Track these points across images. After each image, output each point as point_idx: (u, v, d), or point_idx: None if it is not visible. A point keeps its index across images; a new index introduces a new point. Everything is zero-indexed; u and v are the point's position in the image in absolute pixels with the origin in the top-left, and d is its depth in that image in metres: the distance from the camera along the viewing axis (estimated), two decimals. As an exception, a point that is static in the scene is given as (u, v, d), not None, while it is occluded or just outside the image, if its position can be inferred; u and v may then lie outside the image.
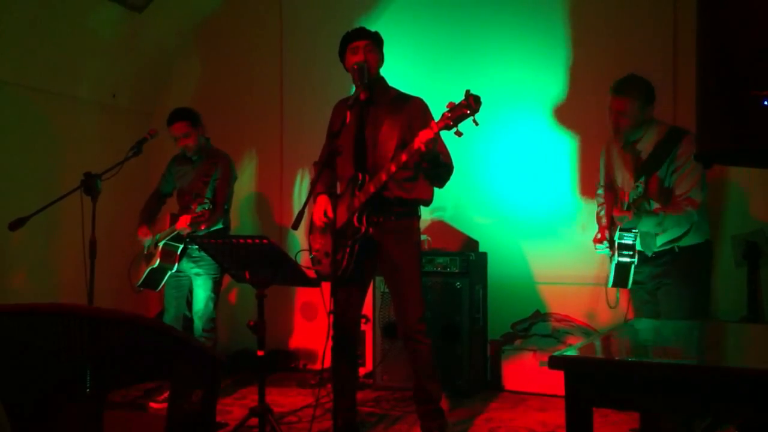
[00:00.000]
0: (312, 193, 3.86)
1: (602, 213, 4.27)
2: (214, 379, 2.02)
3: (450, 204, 5.67)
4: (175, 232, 4.85)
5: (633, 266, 3.86)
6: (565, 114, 5.47)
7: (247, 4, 6.65)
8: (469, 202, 5.70)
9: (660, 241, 3.89)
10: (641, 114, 3.90)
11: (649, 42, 5.13)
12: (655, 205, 3.87)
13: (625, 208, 3.85)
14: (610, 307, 4.01)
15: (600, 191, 4.33)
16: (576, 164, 5.41)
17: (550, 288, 5.47)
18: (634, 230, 3.84)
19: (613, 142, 4.15)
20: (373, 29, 4.03)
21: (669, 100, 4.80)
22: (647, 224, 3.84)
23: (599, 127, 4.89)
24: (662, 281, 3.93)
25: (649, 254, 3.92)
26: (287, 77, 6.45)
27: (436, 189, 4.01)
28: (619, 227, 3.88)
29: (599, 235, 4.14)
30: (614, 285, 3.94)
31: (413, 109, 3.93)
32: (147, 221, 5.14)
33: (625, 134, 3.95)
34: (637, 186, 3.81)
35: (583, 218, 5.26)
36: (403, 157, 3.60)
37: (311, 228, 4.11)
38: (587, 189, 5.18)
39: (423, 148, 3.52)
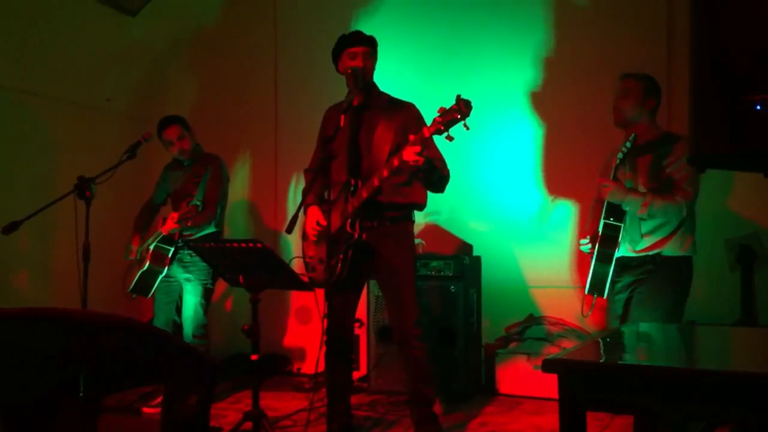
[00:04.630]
0: (303, 203, 3.86)
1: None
2: (208, 383, 2.02)
3: (444, 208, 5.67)
4: (161, 235, 4.84)
5: (611, 269, 3.78)
6: (560, 119, 5.48)
7: (242, 9, 6.64)
8: (463, 207, 5.71)
9: (647, 242, 3.81)
10: (643, 99, 3.89)
11: (643, 48, 5.13)
12: (644, 190, 3.79)
13: (611, 177, 3.76)
14: (583, 316, 3.96)
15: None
16: (570, 169, 5.41)
17: (543, 291, 5.48)
18: (618, 222, 3.76)
19: (611, 155, 4.12)
20: (367, 33, 4.03)
21: (663, 103, 4.79)
22: (632, 203, 3.72)
23: (595, 133, 4.92)
24: (636, 289, 3.84)
25: (635, 248, 3.81)
26: (281, 82, 6.45)
27: (430, 193, 4.01)
28: (603, 218, 3.80)
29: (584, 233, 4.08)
30: (590, 292, 3.86)
31: (407, 114, 3.93)
32: (140, 232, 5.14)
33: (626, 114, 3.89)
34: (626, 143, 3.72)
35: (576, 222, 5.29)
36: (395, 162, 3.60)
37: (304, 235, 4.10)
38: (582, 194, 5.19)
39: (403, 166, 3.56)
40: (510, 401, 5.02)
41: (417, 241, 5.03)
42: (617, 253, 3.80)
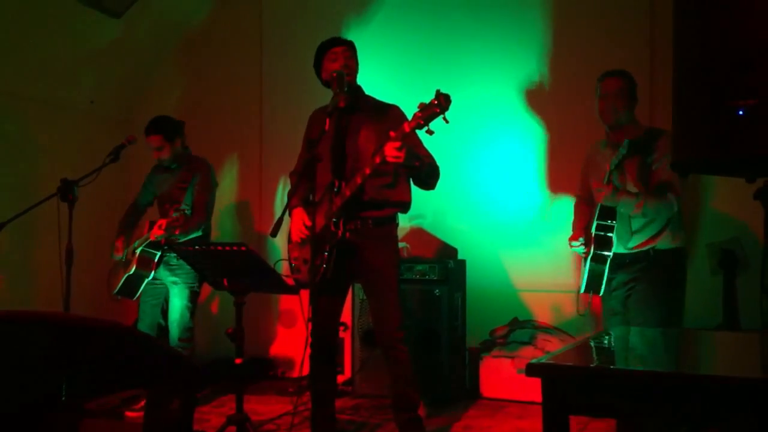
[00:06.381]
0: (288, 206, 3.85)
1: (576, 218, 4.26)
2: (192, 387, 2.01)
3: (429, 211, 5.68)
4: (148, 240, 4.81)
5: (607, 268, 3.81)
6: (545, 122, 5.51)
7: (228, 12, 6.64)
8: (448, 210, 5.72)
9: (638, 239, 3.85)
10: (633, 98, 3.92)
11: (625, 46, 5.16)
12: (635, 190, 3.82)
13: (605, 181, 3.77)
14: (579, 314, 3.98)
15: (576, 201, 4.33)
16: (555, 172, 5.43)
17: (528, 295, 5.49)
18: (611, 222, 3.79)
19: (592, 152, 4.15)
20: (353, 39, 4.05)
21: (645, 104, 4.82)
22: (626, 204, 3.76)
23: (579, 134, 4.94)
24: (634, 287, 3.87)
25: (627, 246, 3.84)
26: (267, 85, 6.44)
27: (414, 197, 4.01)
28: (596, 220, 3.83)
29: (574, 234, 4.10)
30: (586, 290, 3.89)
31: (392, 116, 3.93)
32: (125, 233, 5.10)
33: (621, 115, 3.89)
34: (620, 150, 3.72)
35: (563, 225, 5.31)
36: (377, 159, 3.61)
37: (290, 237, 4.10)
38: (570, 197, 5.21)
39: (384, 164, 3.56)
40: (494, 405, 5.03)
41: (401, 244, 5.04)
42: (610, 251, 3.83)
